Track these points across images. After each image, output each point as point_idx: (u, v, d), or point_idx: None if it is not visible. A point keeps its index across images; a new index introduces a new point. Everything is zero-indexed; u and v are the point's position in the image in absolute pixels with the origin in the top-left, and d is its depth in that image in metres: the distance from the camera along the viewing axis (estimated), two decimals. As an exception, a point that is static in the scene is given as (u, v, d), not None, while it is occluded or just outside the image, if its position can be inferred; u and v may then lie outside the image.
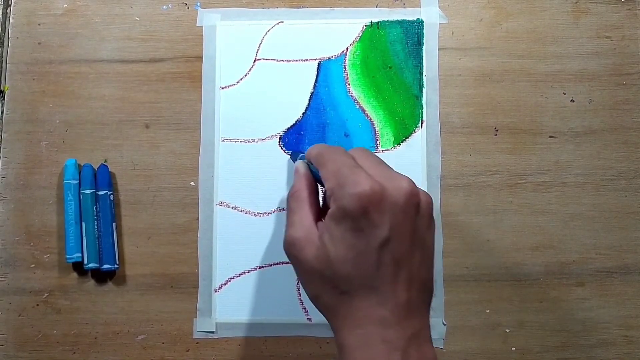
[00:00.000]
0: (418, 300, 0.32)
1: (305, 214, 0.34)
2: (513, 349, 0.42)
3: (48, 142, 0.44)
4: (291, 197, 0.36)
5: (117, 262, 0.43)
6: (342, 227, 0.31)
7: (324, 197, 0.34)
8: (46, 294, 0.43)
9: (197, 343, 0.43)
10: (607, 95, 0.44)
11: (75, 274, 0.43)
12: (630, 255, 0.43)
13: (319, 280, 0.32)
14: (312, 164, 0.36)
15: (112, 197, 0.43)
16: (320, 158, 0.35)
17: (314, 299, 0.33)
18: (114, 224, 0.43)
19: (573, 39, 0.45)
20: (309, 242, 0.33)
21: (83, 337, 0.43)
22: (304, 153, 0.39)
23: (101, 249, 0.43)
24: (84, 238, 0.43)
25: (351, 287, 0.31)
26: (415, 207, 0.32)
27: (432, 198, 0.33)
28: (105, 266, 0.43)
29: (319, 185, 0.37)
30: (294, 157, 0.41)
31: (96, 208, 0.43)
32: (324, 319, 0.42)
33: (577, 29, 0.45)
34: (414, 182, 0.32)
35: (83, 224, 0.43)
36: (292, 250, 0.33)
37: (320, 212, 0.35)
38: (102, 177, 0.43)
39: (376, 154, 0.44)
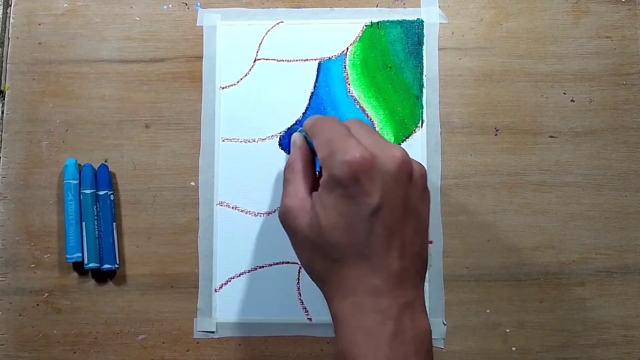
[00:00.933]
0: (412, 270, 0.32)
1: (299, 185, 0.34)
2: (513, 348, 0.42)
3: (48, 142, 0.44)
4: (287, 168, 0.36)
5: (118, 262, 0.43)
6: (334, 194, 0.31)
7: (320, 168, 0.34)
8: (46, 294, 0.43)
9: (198, 343, 0.43)
10: (607, 95, 0.44)
11: (75, 274, 0.43)
12: (631, 255, 0.43)
13: (312, 248, 0.32)
14: (308, 136, 0.36)
15: (112, 197, 0.43)
16: (314, 128, 0.35)
17: (308, 268, 0.33)
18: (114, 223, 0.43)
19: (573, 39, 0.45)
20: (302, 211, 0.33)
21: (83, 337, 0.43)
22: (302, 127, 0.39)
23: (101, 248, 0.43)
24: (84, 238, 0.43)
25: (343, 255, 0.31)
26: (408, 175, 0.32)
27: (426, 170, 0.34)
28: (106, 266, 0.43)
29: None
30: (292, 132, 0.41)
31: (96, 208, 0.43)
32: (325, 318, 0.43)
33: (577, 29, 0.45)
34: (407, 152, 0.32)
35: (83, 223, 0.43)
36: (286, 219, 0.34)
37: (316, 183, 0.35)
38: (102, 177, 0.43)
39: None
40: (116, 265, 0.43)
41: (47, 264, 0.44)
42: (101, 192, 0.43)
